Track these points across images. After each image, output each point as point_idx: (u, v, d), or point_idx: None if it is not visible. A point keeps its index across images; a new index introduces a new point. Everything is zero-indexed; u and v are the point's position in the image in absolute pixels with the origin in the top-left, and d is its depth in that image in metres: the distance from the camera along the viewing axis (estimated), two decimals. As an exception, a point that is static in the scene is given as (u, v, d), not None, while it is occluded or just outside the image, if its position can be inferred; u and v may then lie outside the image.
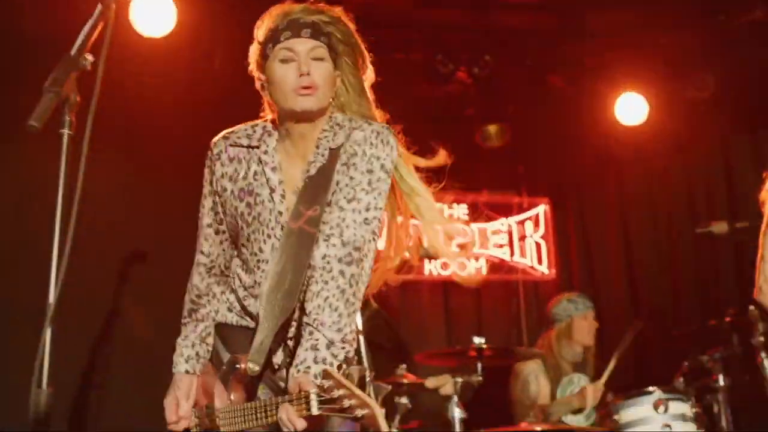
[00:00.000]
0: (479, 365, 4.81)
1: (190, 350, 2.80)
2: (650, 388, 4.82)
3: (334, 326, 2.39)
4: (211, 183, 2.73)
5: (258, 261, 2.62)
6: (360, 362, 4.94)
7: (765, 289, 3.38)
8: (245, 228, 2.63)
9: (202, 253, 2.79)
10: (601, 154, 7.27)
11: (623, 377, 5.48)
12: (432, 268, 7.03)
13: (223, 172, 2.67)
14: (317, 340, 2.37)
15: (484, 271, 7.22)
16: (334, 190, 2.58)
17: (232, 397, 2.54)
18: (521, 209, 7.46)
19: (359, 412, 2.04)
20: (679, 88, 6.57)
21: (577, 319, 5.66)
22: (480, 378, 4.79)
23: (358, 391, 2.06)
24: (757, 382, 4.99)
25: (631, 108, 6.70)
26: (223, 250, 2.79)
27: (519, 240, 7.36)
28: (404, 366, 5.19)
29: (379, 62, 7.21)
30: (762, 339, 4.98)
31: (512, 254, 7.32)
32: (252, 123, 2.75)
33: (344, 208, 2.54)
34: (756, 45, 6.16)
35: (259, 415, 2.36)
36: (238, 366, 2.53)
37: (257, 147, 2.66)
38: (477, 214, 7.34)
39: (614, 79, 6.70)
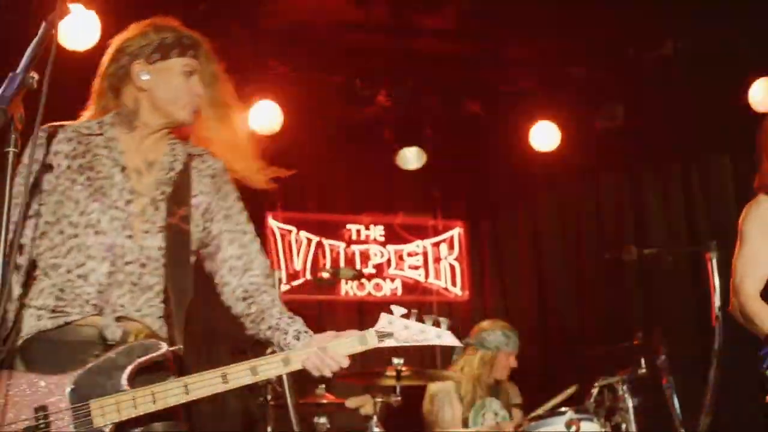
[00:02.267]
0: (398, 386, 4.87)
1: None
2: (563, 409, 4.96)
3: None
4: (42, 163, 2.66)
5: (95, 232, 2.62)
6: (281, 383, 4.98)
7: (738, 303, 3.59)
8: (81, 201, 2.63)
9: (21, 248, 2.65)
10: (515, 179, 7.47)
11: (536, 399, 5.60)
12: (348, 289, 7.09)
13: (57, 150, 2.69)
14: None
15: (399, 292, 7.31)
16: (206, 208, 2.82)
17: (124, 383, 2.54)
18: (436, 232, 7.58)
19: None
20: (589, 117, 6.81)
21: (502, 355, 5.73)
22: (399, 398, 4.84)
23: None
24: (661, 402, 5.20)
25: (544, 135, 6.92)
26: (40, 238, 2.68)
27: (434, 262, 7.49)
28: (323, 386, 5.22)
29: (299, 83, 7.24)
30: (668, 361, 5.21)
31: (427, 276, 7.44)
32: (83, 120, 2.82)
33: (246, 244, 2.86)
34: (663, 79, 6.43)
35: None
36: (161, 348, 2.57)
37: (100, 134, 2.75)
38: (393, 235, 7.45)
39: (528, 107, 6.92)
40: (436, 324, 2.68)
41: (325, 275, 5.96)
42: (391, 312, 2.70)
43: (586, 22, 6.27)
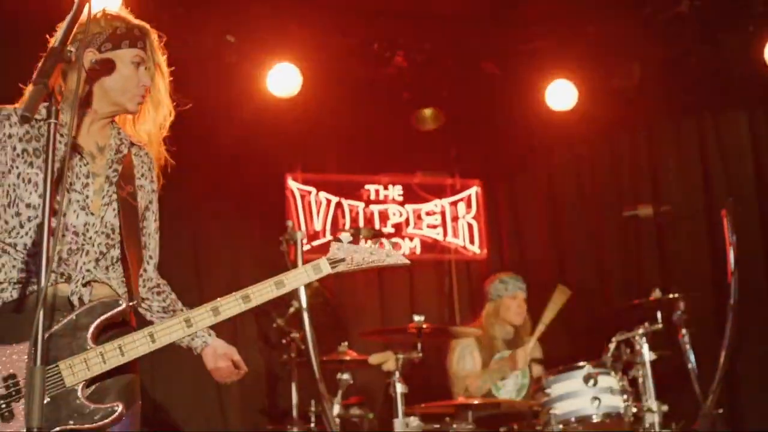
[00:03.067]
0: (419, 342, 4.98)
1: None
2: (580, 363, 5.06)
3: None
4: None
5: (56, 213, 2.57)
6: (305, 339, 5.10)
7: None
8: (40, 183, 2.65)
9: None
10: (532, 138, 7.51)
11: (554, 354, 5.71)
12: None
13: (11, 133, 2.71)
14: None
15: (418, 250, 7.40)
16: (146, 195, 2.93)
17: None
18: (454, 191, 7.65)
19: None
20: (606, 75, 6.83)
21: (506, 299, 5.91)
22: (420, 354, 4.96)
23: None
24: (678, 355, 5.30)
25: (560, 94, 6.96)
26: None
27: (452, 221, 7.55)
28: (346, 343, 5.35)
29: (318, 45, 7.28)
30: (684, 316, 5.30)
31: (445, 234, 7.52)
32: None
33: (158, 242, 3.01)
34: (680, 37, 6.44)
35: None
36: (121, 304, 2.62)
37: (50, 118, 2.69)
38: (411, 195, 7.52)
39: (545, 66, 6.94)
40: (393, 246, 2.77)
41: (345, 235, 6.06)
42: (340, 240, 2.75)
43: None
